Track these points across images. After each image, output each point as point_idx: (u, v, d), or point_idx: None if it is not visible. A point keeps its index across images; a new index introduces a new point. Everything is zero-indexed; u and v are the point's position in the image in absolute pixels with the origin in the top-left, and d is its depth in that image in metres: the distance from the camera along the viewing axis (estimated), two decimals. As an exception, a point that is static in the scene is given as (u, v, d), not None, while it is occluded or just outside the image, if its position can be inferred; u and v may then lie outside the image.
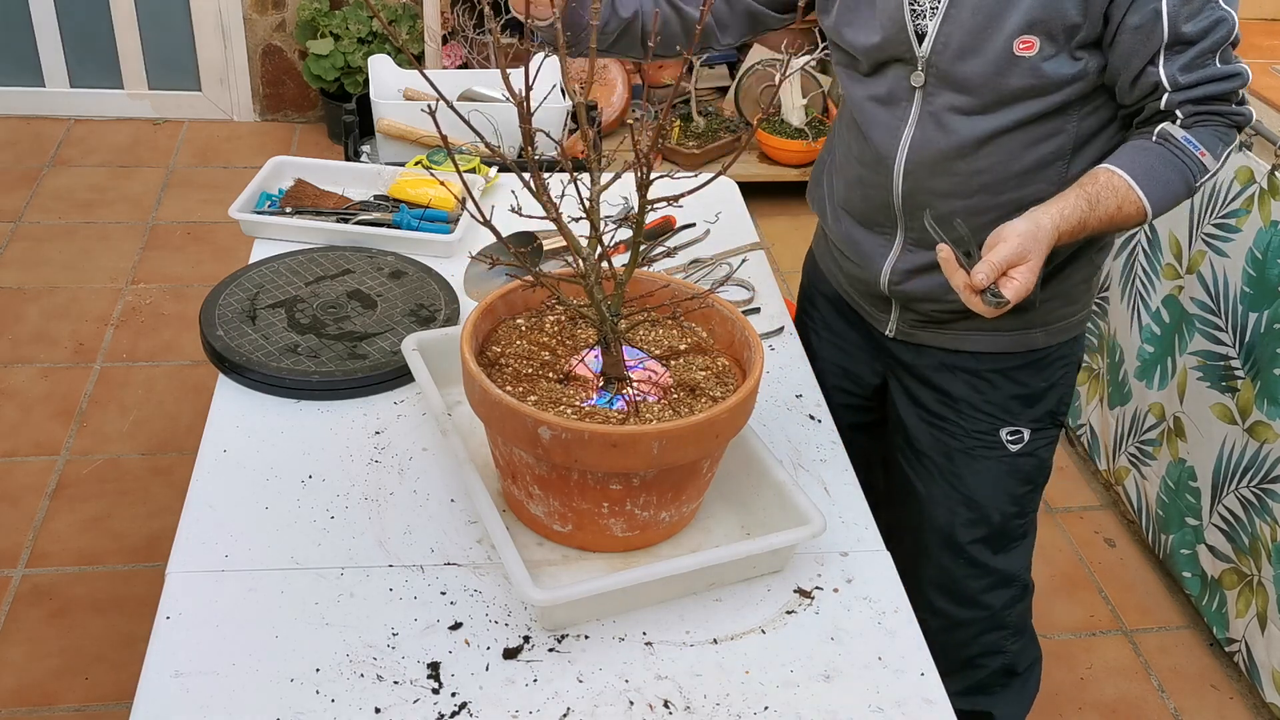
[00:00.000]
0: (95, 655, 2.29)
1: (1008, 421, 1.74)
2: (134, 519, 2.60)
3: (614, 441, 1.24)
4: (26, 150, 4.00)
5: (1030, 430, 1.75)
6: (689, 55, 1.26)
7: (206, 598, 1.30)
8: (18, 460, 2.73)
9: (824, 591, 1.37)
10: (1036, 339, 1.69)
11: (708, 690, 1.24)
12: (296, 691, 1.20)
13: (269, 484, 1.46)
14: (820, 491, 1.51)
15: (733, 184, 2.21)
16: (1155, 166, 1.46)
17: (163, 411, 2.91)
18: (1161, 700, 2.39)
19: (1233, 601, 2.36)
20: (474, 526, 1.42)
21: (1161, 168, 1.46)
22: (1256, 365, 2.23)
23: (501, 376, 1.36)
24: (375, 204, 2.05)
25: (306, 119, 4.34)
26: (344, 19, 3.94)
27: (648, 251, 1.33)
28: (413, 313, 1.75)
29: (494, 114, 1.99)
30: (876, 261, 1.69)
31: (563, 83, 2.08)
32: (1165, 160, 1.46)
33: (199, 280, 3.39)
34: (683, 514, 1.40)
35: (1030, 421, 1.75)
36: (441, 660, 1.25)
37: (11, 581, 2.43)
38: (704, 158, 3.74)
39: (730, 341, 1.44)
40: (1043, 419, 1.76)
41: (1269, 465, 2.22)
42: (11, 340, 3.11)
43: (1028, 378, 1.72)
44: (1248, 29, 2.65)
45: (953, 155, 1.56)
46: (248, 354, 1.62)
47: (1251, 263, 2.23)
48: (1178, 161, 1.46)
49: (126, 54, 4.18)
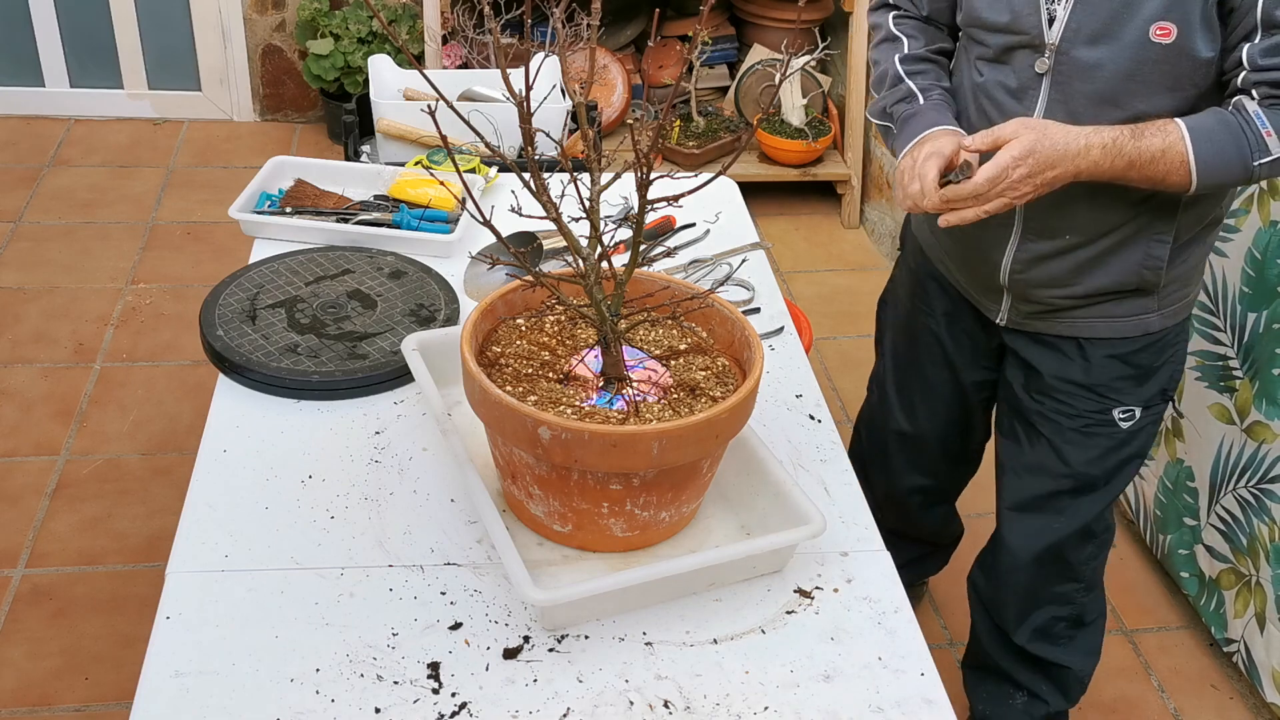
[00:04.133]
0: (95, 655, 2.29)
1: (1120, 402, 1.77)
2: (134, 519, 2.60)
3: (614, 441, 1.24)
4: (26, 150, 4.00)
5: (1142, 409, 1.78)
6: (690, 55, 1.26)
7: (206, 598, 1.30)
8: (18, 460, 2.73)
9: (824, 591, 1.37)
10: (1153, 322, 1.72)
11: (708, 690, 1.24)
12: (296, 691, 1.20)
13: (269, 484, 1.46)
14: (820, 491, 1.51)
15: (733, 184, 2.21)
16: (1213, 127, 1.47)
17: (163, 411, 2.91)
18: (1161, 700, 2.39)
19: (1231, 602, 2.36)
20: (474, 526, 1.42)
21: (1220, 131, 1.47)
22: (1255, 365, 2.23)
23: (501, 376, 1.36)
24: (375, 204, 2.05)
25: (306, 119, 4.33)
26: (344, 19, 3.94)
27: (648, 251, 1.33)
28: (413, 313, 1.75)
29: (494, 114, 1.99)
30: (995, 253, 1.73)
31: (563, 83, 2.08)
32: (1226, 125, 1.47)
33: (199, 280, 3.39)
34: (683, 514, 1.41)
35: (1142, 401, 1.78)
36: (441, 660, 1.25)
37: (11, 581, 2.43)
38: (704, 158, 3.74)
39: (730, 341, 1.45)
40: (1154, 397, 1.78)
41: (1267, 465, 2.22)
42: (11, 340, 3.11)
43: (1143, 360, 1.75)
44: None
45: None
46: (248, 354, 1.62)
47: (1250, 263, 2.23)
48: (1239, 131, 1.47)
49: (126, 54, 4.18)
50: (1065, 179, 1.49)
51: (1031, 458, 1.87)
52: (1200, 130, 1.47)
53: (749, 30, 4.01)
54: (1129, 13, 1.49)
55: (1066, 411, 1.80)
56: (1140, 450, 1.85)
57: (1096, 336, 1.74)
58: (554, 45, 1.23)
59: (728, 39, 4.01)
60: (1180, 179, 1.49)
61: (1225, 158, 1.47)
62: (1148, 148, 1.47)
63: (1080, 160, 1.47)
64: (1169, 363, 1.78)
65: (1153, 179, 1.50)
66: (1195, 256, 1.71)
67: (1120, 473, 1.86)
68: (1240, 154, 1.47)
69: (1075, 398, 1.79)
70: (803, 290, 3.34)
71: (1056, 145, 1.46)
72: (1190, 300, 1.76)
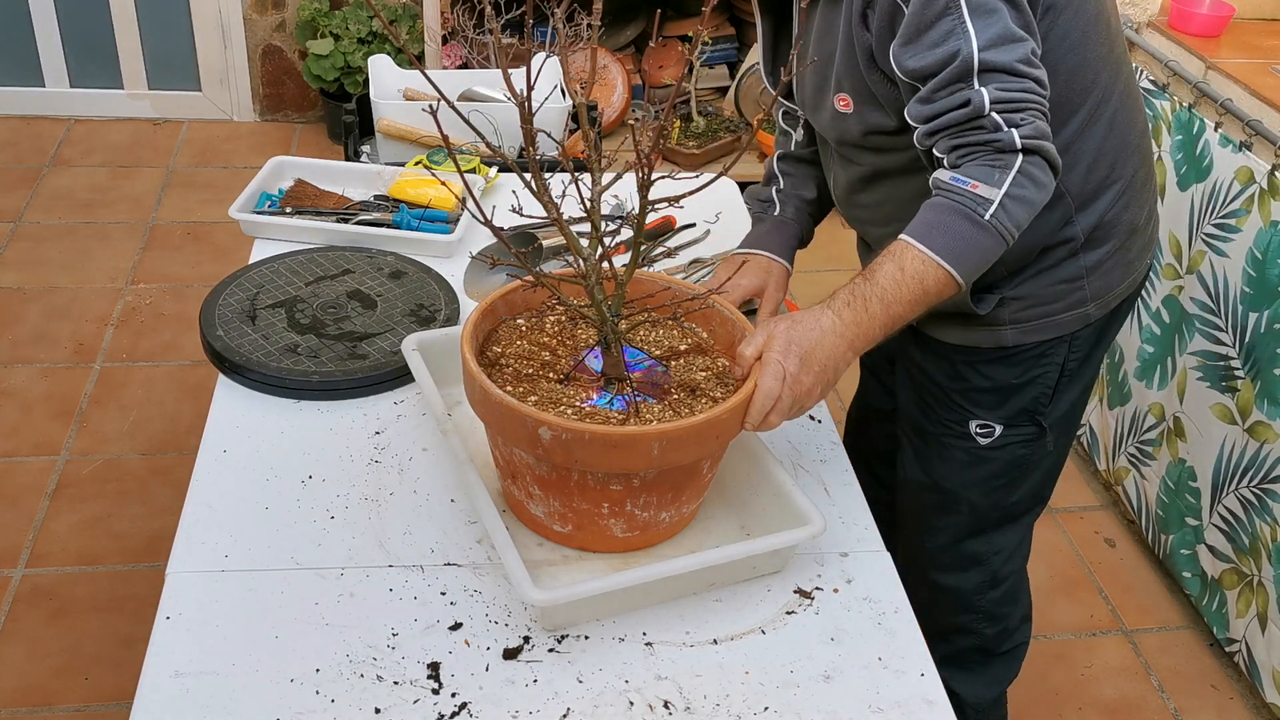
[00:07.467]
0: (95, 655, 2.29)
1: (976, 415, 1.72)
2: (134, 519, 2.60)
3: (614, 442, 1.24)
4: (26, 150, 4.00)
5: (1002, 426, 1.72)
6: (690, 55, 1.26)
7: (206, 598, 1.30)
8: (18, 460, 2.73)
9: (824, 592, 1.37)
10: (1006, 336, 1.65)
11: (708, 690, 1.24)
12: (296, 691, 1.20)
13: (269, 484, 1.46)
14: (820, 491, 1.51)
15: (733, 184, 2.21)
16: (930, 217, 1.39)
17: (163, 411, 2.91)
18: (1161, 700, 2.39)
19: (1233, 601, 2.36)
20: (474, 526, 1.42)
21: (937, 215, 1.39)
22: (1256, 365, 2.23)
23: (502, 377, 1.36)
24: (375, 204, 2.05)
25: (306, 119, 4.33)
26: (344, 19, 3.94)
27: (648, 252, 1.33)
28: (413, 313, 1.75)
29: (494, 114, 1.99)
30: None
31: (563, 83, 2.08)
32: (939, 207, 1.39)
33: (199, 280, 3.39)
34: (683, 514, 1.40)
35: (1002, 418, 1.72)
36: (441, 660, 1.25)
37: (11, 582, 2.43)
38: (704, 158, 3.73)
39: (730, 342, 1.44)
40: (1017, 416, 1.72)
41: (1269, 465, 2.22)
42: (11, 340, 3.11)
43: (997, 373, 1.69)
44: (1247, 29, 2.66)
45: (855, 188, 1.66)
46: (248, 354, 1.62)
47: (1251, 263, 2.23)
48: (951, 204, 1.37)
49: (126, 54, 4.18)
50: (838, 355, 1.38)
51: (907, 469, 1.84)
52: (922, 227, 1.39)
53: (749, 30, 4.01)
54: (825, 84, 1.54)
55: (930, 416, 1.75)
56: (1005, 474, 1.76)
57: (952, 341, 1.68)
58: (554, 45, 1.23)
59: (728, 39, 4.01)
60: (940, 281, 1.38)
61: (959, 233, 1.37)
62: (885, 277, 1.38)
63: (834, 326, 1.38)
64: (1035, 383, 1.68)
65: (916, 299, 1.39)
66: (1049, 277, 1.61)
67: (988, 497, 1.78)
68: (971, 221, 1.36)
69: (938, 401, 1.73)
70: (803, 290, 3.33)
71: (809, 326, 1.37)
72: (1061, 320, 1.64)
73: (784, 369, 1.33)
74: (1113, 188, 1.59)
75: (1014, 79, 1.36)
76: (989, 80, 1.35)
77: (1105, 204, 1.59)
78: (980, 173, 1.37)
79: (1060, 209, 1.55)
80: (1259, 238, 2.21)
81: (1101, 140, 1.55)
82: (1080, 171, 1.55)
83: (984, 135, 1.37)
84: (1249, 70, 2.42)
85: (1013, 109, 1.36)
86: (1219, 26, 2.61)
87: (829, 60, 1.52)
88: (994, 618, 1.93)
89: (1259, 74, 2.40)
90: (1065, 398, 1.74)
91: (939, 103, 1.38)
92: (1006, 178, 1.36)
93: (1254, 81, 2.36)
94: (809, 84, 1.59)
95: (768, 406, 1.32)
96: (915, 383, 1.78)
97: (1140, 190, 1.64)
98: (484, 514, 1.32)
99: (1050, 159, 1.39)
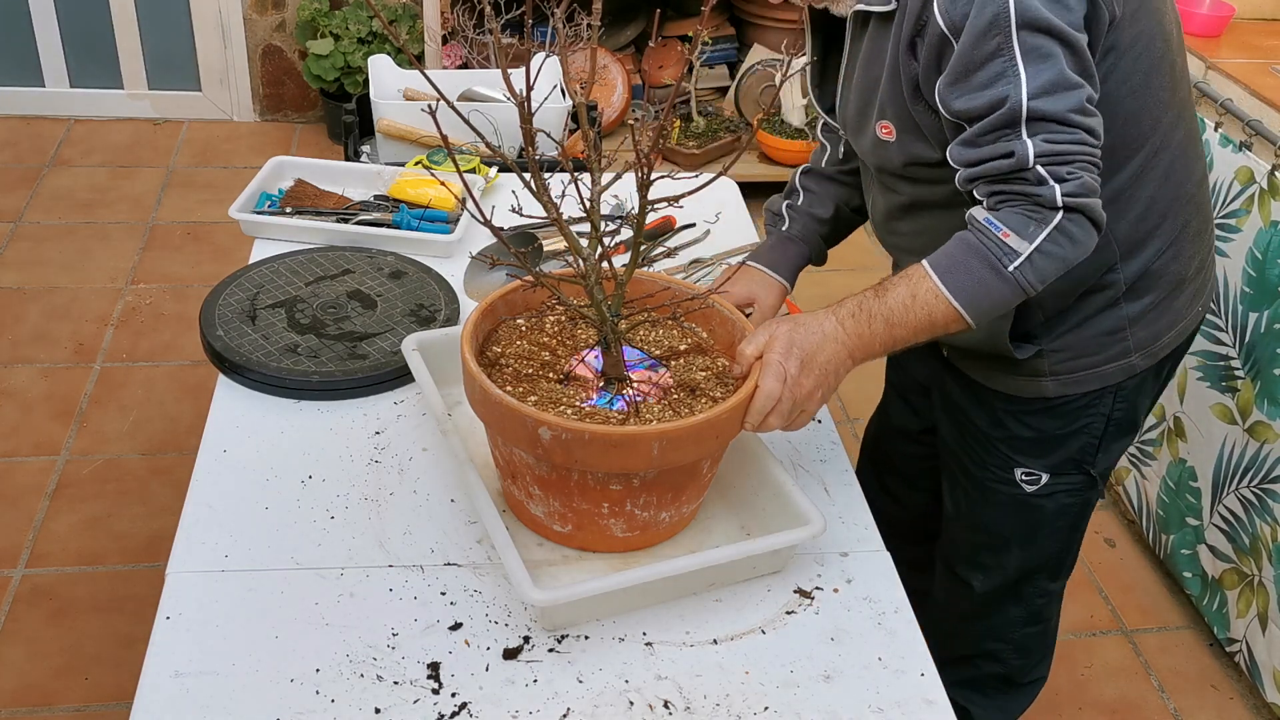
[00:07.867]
0: (95, 655, 2.29)
1: (1022, 463, 1.68)
2: (134, 519, 2.60)
3: (614, 442, 1.24)
4: (26, 150, 4.00)
5: (1049, 475, 1.68)
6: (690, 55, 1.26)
7: (206, 598, 1.30)
8: (18, 460, 2.73)
9: (824, 592, 1.37)
10: (1047, 387, 1.60)
11: (708, 690, 1.24)
12: (296, 691, 1.20)
13: (269, 484, 1.46)
14: (820, 491, 1.51)
15: (733, 184, 2.21)
16: (955, 253, 1.36)
17: (163, 411, 2.91)
18: (1161, 700, 2.39)
19: (1233, 601, 2.36)
20: (474, 526, 1.42)
21: (963, 253, 1.35)
22: (1257, 365, 2.23)
23: (502, 377, 1.36)
24: (375, 204, 2.05)
25: (306, 119, 4.33)
26: (344, 19, 3.94)
27: (648, 252, 1.33)
28: (413, 313, 1.75)
29: (494, 114, 1.99)
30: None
31: (563, 83, 2.08)
32: (967, 246, 1.35)
33: (199, 280, 3.39)
34: (683, 514, 1.40)
35: (1048, 466, 1.68)
36: (441, 660, 1.25)
37: (11, 582, 2.43)
38: (704, 158, 3.73)
39: (730, 342, 1.44)
40: (1063, 465, 1.67)
41: (1269, 465, 2.22)
42: (11, 340, 3.11)
43: (1040, 423, 1.64)
44: (1247, 29, 2.66)
45: (893, 216, 1.60)
46: (248, 354, 1.62)
47: (1251, 263, 2.23)
48: (979, 246, 1.34)
49: (126, 54, 4.18)
50: (838, 361, 1.37)
51: (952, 507, 1.82)
52: (944, 261, 1.35)
53: (749, 30, 4.01)
54: (869, 109, 1.48)
55: (975, 459, 1.72)
56: (1052, 522, 1.73)
57: (996, 389, 1.65)
58: (554, 45, 1.23)
59: (728, 39, 4.01)
60: (949, 317, 1.35)
61: (978, 278, 1.34)
62: (896, 299, 1.36)
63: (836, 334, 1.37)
64: (1082, 433, 1.64)
65: (922, 327, 1.37)
66: (1092, 329, 1.56)
67: (1033, 541, 1.76)
68: (993, 269, 1.33)
69: (982, 446, 1.70)
70: (803, 290, 3.33)
71: (811, 330, 1.36)
72: (1104, 372, 1.59)
73: (785, 371, 1.32)
74: (1162, 237, 1.52)
75: (1064, 129, 1.29)
76: (1037, 130, 1.29)
77: (1152, 253, 1.52)
78: (1016, 222, 1.32)
79: (1105, 254, 1.47)
80: (1259, 238, 2.21)
81: (1156, 189, 1.49)
82: (1130, 219, 1.49)
83: (1026, 188, 1.31)
84: (1249, 70, 2.42)
85: (1060, 162, 1.30)
86: (1219, 26, 2.61)
87: (874, 85, 1.45)
88: (1024, 650, 1.92)
89: (1259, 74, 2.40)
90: (1116, 447, 1.69)
91: (983, 149, 1.32)
92: (1041, 233, 1.31)
93: (1254, 81, 2.36)
94: (852, 106, 1.52)
95: (768, 408, 1.31)
96: (957, 422, 1.74)
97: (1192, 241, 1.57)
98: (484, 514, 1.32)
99: (1093, 216, 1.33)
